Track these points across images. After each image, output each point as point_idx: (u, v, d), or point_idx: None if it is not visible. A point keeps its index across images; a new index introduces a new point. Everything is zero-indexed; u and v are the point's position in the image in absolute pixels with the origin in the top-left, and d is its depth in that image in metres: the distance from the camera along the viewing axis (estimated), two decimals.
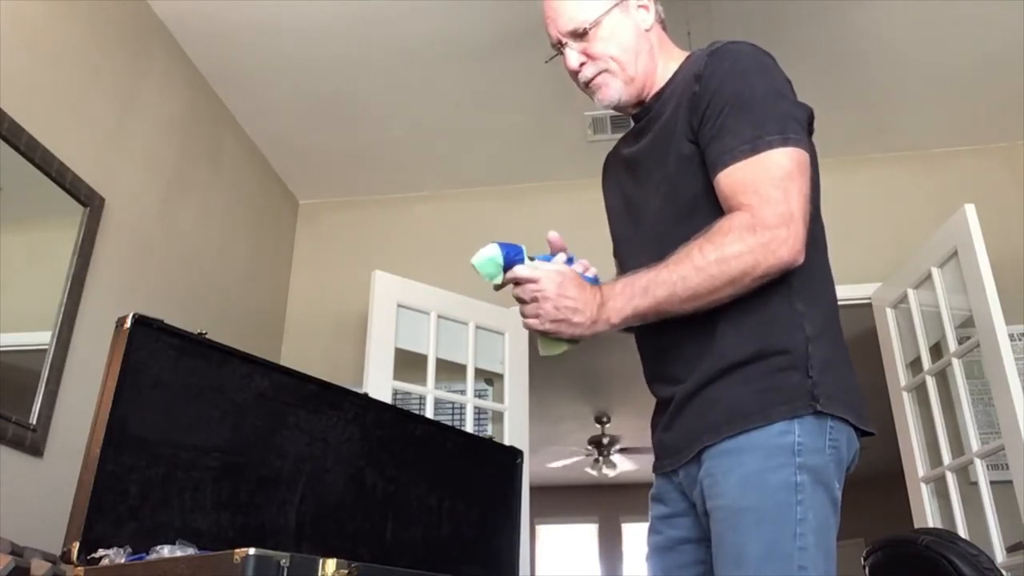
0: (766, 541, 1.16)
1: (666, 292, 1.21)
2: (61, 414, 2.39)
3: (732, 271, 1.18)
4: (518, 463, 2.39)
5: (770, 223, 1.18)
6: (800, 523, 1.15)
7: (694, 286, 1.20)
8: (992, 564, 1.65)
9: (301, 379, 1.86)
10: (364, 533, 1.89)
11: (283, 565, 1.12)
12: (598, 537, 9.52)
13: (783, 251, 1.18)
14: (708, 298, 1.21)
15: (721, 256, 1.18)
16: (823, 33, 3.17)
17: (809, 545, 1.15)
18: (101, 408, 1.47)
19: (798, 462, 1.17)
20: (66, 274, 2.49)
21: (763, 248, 1.18)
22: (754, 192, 1.20)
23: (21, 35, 2.38)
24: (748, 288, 1.20)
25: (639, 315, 1.24)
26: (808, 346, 1.23)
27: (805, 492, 1.16)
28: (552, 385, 6.47)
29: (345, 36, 3.18)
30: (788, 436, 1.19)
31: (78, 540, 1.37)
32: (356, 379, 3.30)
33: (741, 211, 1.20)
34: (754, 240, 1.18)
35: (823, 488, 1.19)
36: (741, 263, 1.18)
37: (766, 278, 1.20)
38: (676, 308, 1.23)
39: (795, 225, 1.19)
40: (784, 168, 1.21)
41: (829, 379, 1.23)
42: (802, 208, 1.20)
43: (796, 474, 1.17)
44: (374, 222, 4.19)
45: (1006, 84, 3.43)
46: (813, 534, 1.15)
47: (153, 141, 3.04)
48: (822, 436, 1.20)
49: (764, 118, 1.24)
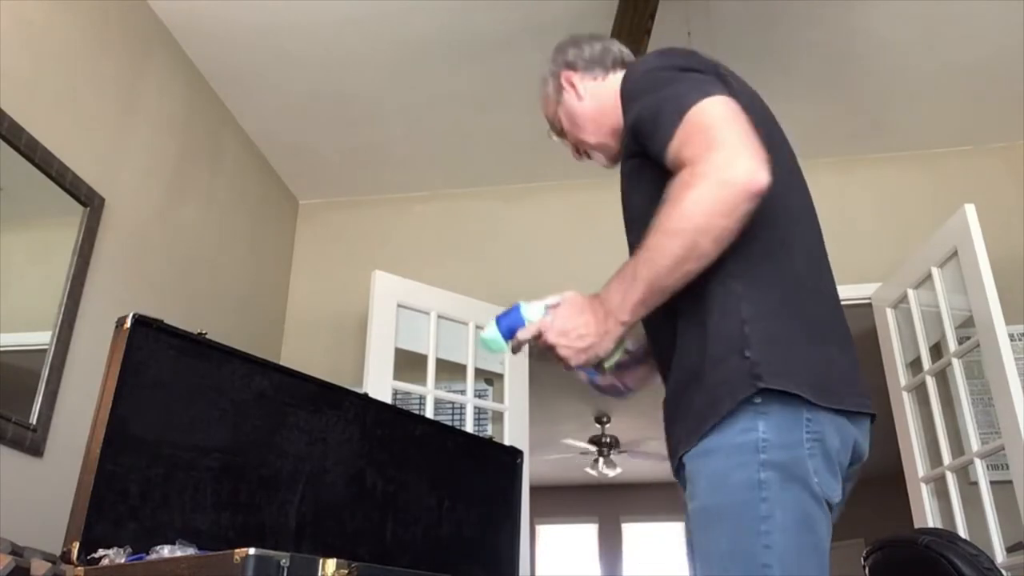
0: (729, 540, 1.15)
1: (651, 271, 1.19)
2: (61, 414, 2.39)
3: (697, 218, 1.14)
4: (518, 463, 2.39)
5: (711, 158, 1.14)
6: (765, 520, 1.12)
7: (671, 250, 1.16)
8: (992, 564, 1.65)
9: (301, 379, 1.86)
10: (364, 533, 1.89)
11: (283, 565, 1.12)
12: (598, 537, 9.52)
13: (732, 174, 1.12)
14: (694, 261, 1.16)
15: (681, 210, 1.15)
16: (823, 33, 3.17)
17: (775, 543, 1.12)
18: (101, 408, 1.47)
19: (762, 459, 1.14)
20: (66, 274, 2.49)
21: (713, 182, 1.13)
22: (690, 145, 1.18)
23: (21, 35, 2.38)
24: (726, 230, 1.14)
25: (640, 303, 1.22)
26: (744, 327, 1.19)
27: (771, 490, 1.13)
28: (552, 385, 6.46)
29: (345, 36, 3.18)
30: (751, 433, 1.15)
31: (78, 540, 1.37)
32: (356, 379, 3.30)
33: (686, 166, 1.17)
34: (701, 180, 1.14)
35: (797, 483, 1.14)
36: (701, 206, 1.13)
37: (736, 210, 1.13)
38: (669, 282, 1.19)
39: (736, 149, 1.14)
40: (711, 113, 1.19)
41: (776, 356, 1.18)
42: (742, 136, 1.15)
43: (759, 471, 1.14)
44: (374, 222, 4.19)
45: (1006, 84, 3.43)
46: (782, 532, 1.12)
47: (153, 141, 3.04)
48: (797, 429, 1.15)
49: (677, 93, 1.24)
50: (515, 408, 3.58)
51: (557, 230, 4.01)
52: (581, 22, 3.10)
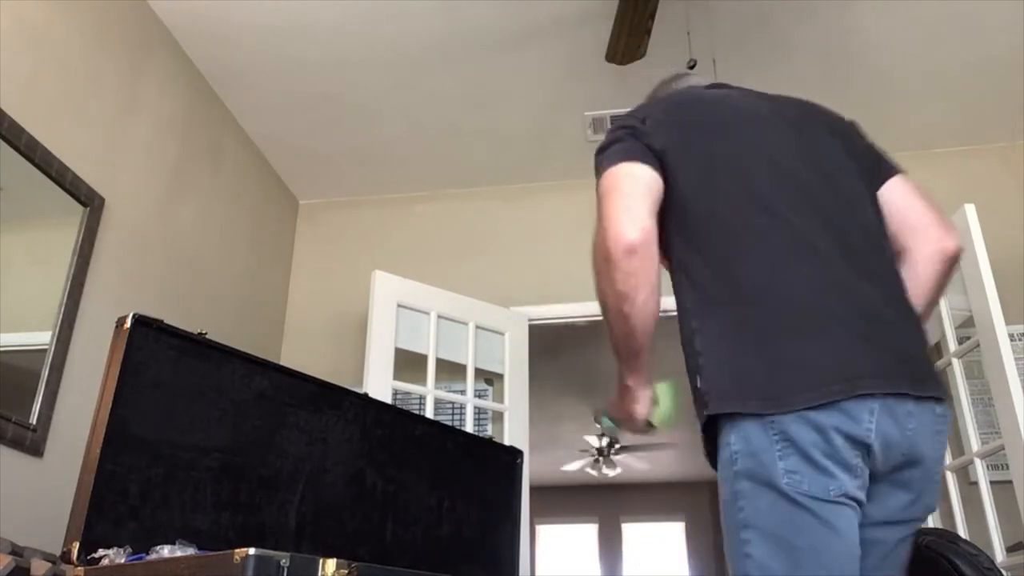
0: (729, 554, 1.22)
1: (611, 341, 1.38)
2: (61, 414, 2.39)
3: (601, 293, 1.33)
4: (518, 463, 2.39)
5: (595, 238, 1.33)
6: (744, 529, 1.18)
7: (609, 322, 1.36)
8: (992, 564, 1.65)
9: (301, 379, 1.86)
10: (364, 533, 1.89)
11: (283, 565, 1.12)
12: (598, 537, 9.52)
13: (605, 246, 1.29)
14: (625, 324, 1.33)
15: (596, 290, 1.36)
16: (822, 33, 3.17)
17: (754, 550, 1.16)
18: (101, 408, 1.47)
19: (735, 470, 1.20)
20: (66, 274, 2.49)
21: (598, 260, 1.31)
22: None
23: (21, 35, 2.38)
24: (626, 297, 1.29)
25: (622, 366, 1.43)
26: (698, 359, 1.28)
27: (746, 498, 1.18)
28: (552, 385, 6.47)
29: (345, 36, 3.18)
30: (727, 449, 1.21)
31: (78, 540, 1.37)
32: (356, 379, 3.30)
33: None
34: (594, 259, 1.33)
35: (768, 488, 1.16)
36: (598, 283, 1.33)
37: (622, 280, 1.28)
38: (625, 345, 1.37)
39: (605, 223, 1.30)
40: (600, 193, 1.35)
41: (721, 380, 1.24)
42: (610, 208, 1.30)
43: (735, 482, 1.20)
44: (374, 222, 4.19)
45: (1006, 84, 3.43)
46: (759, 538, 1.16)
47: (153, 141, 3.04)
48: (763, 435, 1.17)
49: (597, 172, 1.40)
50: (515, 408, 3.58)
51: (557, 230, 4.01)
52: (581, 22, 3.10)
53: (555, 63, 3.33)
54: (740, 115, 1.42)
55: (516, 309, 3.77)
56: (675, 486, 9.35)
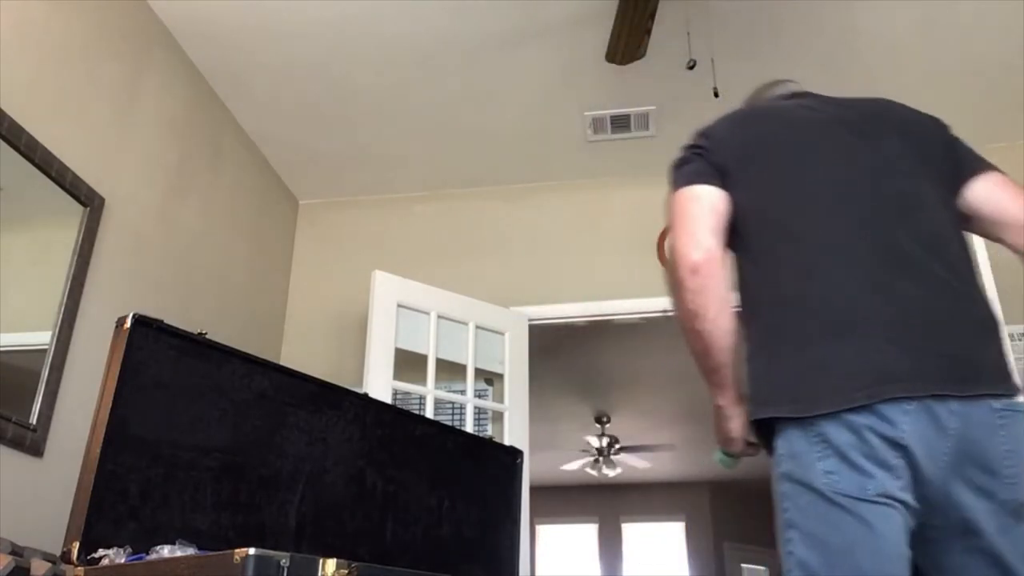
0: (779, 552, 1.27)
1: (696, 363, 1.42)
2: (61, 414, 2.39)
3: (677, 314, 1.40)
4: (518, 463, 2.39)
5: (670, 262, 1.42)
6: (787, 529, 1.23)
7: (689, 344, 1.41)
8: None
9: (301, 379, 1.86)
10: (364, 533, 1.89)
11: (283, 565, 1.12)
12: (598, 537, 9.52)
13: (675, 269, 1.38)
14: (700, 342, 1.38)
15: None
16: (823, 33, 3.17)
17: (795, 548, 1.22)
18: (101, 408, 1.47)
19: (779, 473, 1.27)
20: (66, 274, 2.49)
21: (671, 282, 1.41)
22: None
23: (21, 35, 2.38)
24: (696, 315, 1.36)
25: (711, 385, 1.43)
26: (746, 366, 1.35)
27: (788, 499, 1.24)
28: (552, 385, 6.47)
29: (345, 36, 3.18)
30: (775, 453, 1.28)
31: (78, 540, 1.37)
32: (356, 379, 3.30)
33: None
34: (669, 282, 1.44)
35: (806, 488, 1.21)
36: (674, 304, 1.41)
37: (690, 300, 1.36)
38: (707, 363, 1.40)
39: (674, 247, 1.39)
40: (669, 217, 1.45)
41: (761, 385, 1.31)
42: (678, 233, 1.40)
43: (780, 484, 1.26)
44: (374, 222, 4.19)
45: (1006, 84, 3.43)
46: (800, 538, 1.21)
47: (153, 141, 3.04)
48: (804, 438, 1.23)
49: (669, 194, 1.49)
50: (515, 408, 3.58)
51: (557, 230, 4.01)
52: (581, 22, 3.10)
53: (555, 63, 3.33)
54: (795, 127, 1.49)
55: (516, 309, 3.77)
56: (675, 486, 9.35)
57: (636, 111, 3.60)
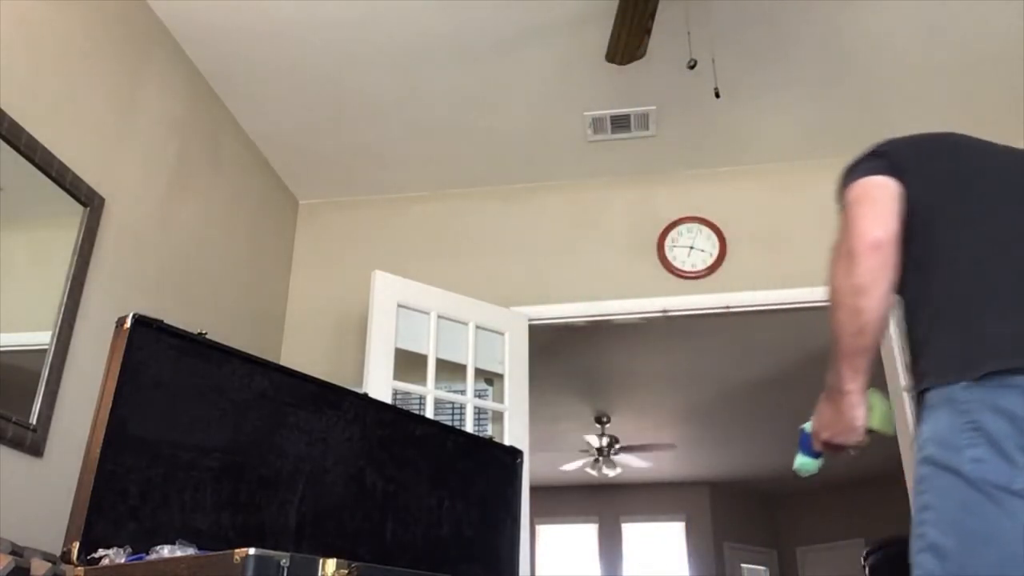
0: (911, 534, 1.28)
1: (837, 345, 1.40)
2: (61, 414, 2.39)
3: (835, 289, 1.39)
4: (518, 463, 2.39)
5: (837, 241, 1.42)
6: (922, 511, 1.25)
7: (837, 321, 1.39)
8: None
9: (301, 379, 1.86)
10: (364, 533, 1.89)
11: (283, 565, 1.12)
12: (598, 537, 9.52)
13: (850, 244, 1.38)
14: (857, 320, 1.36)
15: (828, 289, 1.43)
16: (822, 33, 3.17)
17: (930, 532, 1.22)
18: (101, 408, 1.47)
19: (922, 456, 1.28)
20: (66, 274, 2.49)
21: (838, 258, 1.40)
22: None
23: (21, 35, 2.38)
24: (862, 290, 1.35)
25: (849, 369, 1.40)
26: (919, 331, 1.38)
27: (926, 482, 1.25)
28: (552, 385, 6.47)
29: (345, 36, 3.18)
30: (919, 438, 1.30)
31: (78, 540, 1.37)
32: (356, 379, 3.30)
33: None
34: (832, 259, 1.42)
35: (950, 473, 1.21)
36: (834, 279, 1.40)
37: (860, 272, 1.35)
38: (856, 343, 1.38)
39: (851, 225, 1.40)
40: (845, 203, 1.46)
41: (933, 358, 1.33)
42: (857, 211, 1.42)
43: (920, 467, 1.28)
44: (374, 222, 4.19)
45: (1006, 84, 3.43)
46: (936, 520, 1.22)
47: (153, 141, 3.04)
48: (955, 425, 1.23)
49: (842, 191, 1.52)
50: (515, 408, 3.58)
51: (557, 230, 4.01)
52: (581, 22, 3.10)
53: (555, 63, 3.33)
54: (970, 141, 1.59)
55: (516, 309, 3.77)
56: (675, 486, 9.35)
57: (636, 111, 3.60)
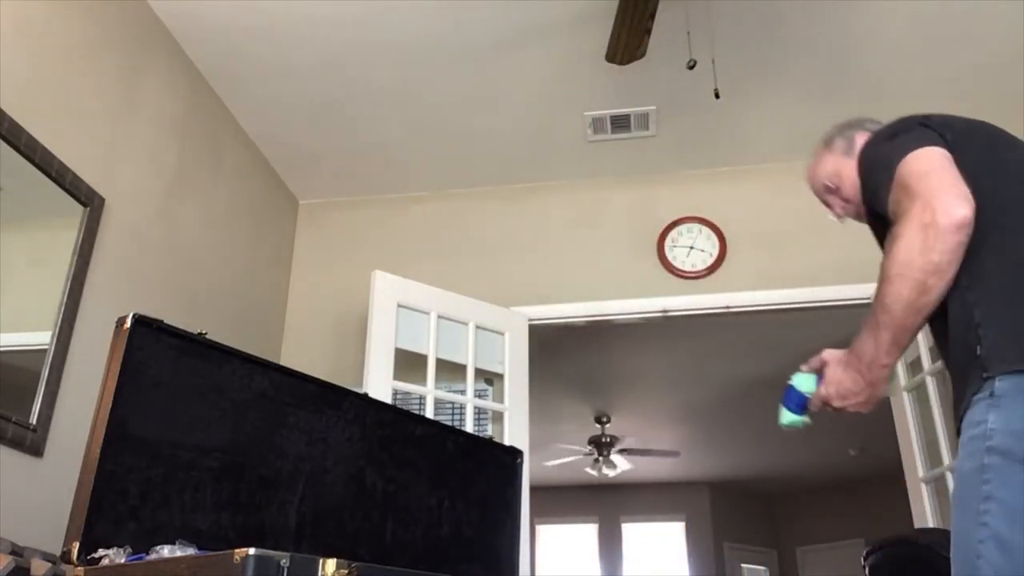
0: (958, 526, 1.26)
1: (889, 316, 1.33)
2: (61, 414, 2.39)
3: (913, 260, 1.29)
4: (518, 463, 2.39)
5: (912, 210, 1.31)
6: (985, 500, 1.21)
7: (900, 294, 1.31)
8: None
9: (301, 379, 1.86)
10: (364, 533, 1.89)
11: (283, 565, 1.12)
12: (598, 537, 9.52)
13: (932, 218, 1.27)
14: (923, 296, 1.30)
15: (897, 258, 1.31)
16: (822, 33, 3.17)
17: (992, 521, 1.19)
18: (101, 408, 1.47)
19: (987, 446, 1.23)
20: (66, 274, 2.49)
21: (916, 227, 1.29)
22: (898, 202, 1.36)
23: (21, 35, 2.38)
24: (942, 265, 1.28)
25: (892, 343, 1.36)
26: (978, 331, 1.30)
27: (993, 471, 1.21)
28: (552, 385, 6.47)
29: (345, 36, 3.18)
30: (981, 426, 1.25)
31: (78, 540, 1.37)
32: (356, 379, 3.30)
33: (898, 221, 1.35)
34: (908, 230, 1.30)
35: (1017, 463, 1.20)
36: (913, 250, 1.29)
37: (944, 248, 1.27)
38: (909, 319, 1.33)
39: (930, 196, 1.29)
40: (911, 171, 1.36)
41: (1003, 344, 1.27)
42: (934, 182, 1.31)
43: (985, 457, 1.23)
44: (374, 222, 4.19)
45: (1006, 85, 3.43)
46: (1001, 511, 1.19)
47: (153, 141, 3.04)
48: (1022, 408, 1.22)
49: (890, 155, 1.42)
50: (515, 408, 3.58)
51: (557, 230, 4.01)
52: (581, 22, 3.10)
53: (555, 63, 3.33)
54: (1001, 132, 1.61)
55: (516, 309, 3.77)
56: (675, 486, 9.35)
57: (636, 111, 3.60)
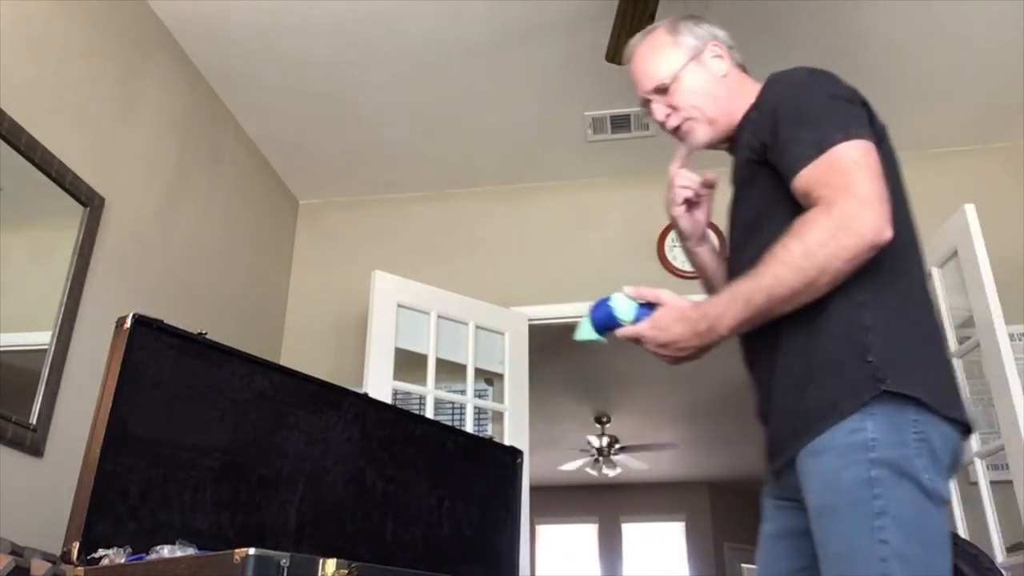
0: (845, 539, 1.20)
1: (764, 296, 1.26)
2: (61, 414, 2.39)
3: (819, 259, 1.22)
4: (518, 463, 2.39)
5: (843, 205, 1.22)
6: (879, 517, 1.17)
7: (789, 283, 1.24)
8: (992, 564, 1.65)
9: (301, 379, 1.86)
10: (364, 533, 1.89)
11: (283, 565, 1.12)
12: (598, 537, 9.52)
13: (861, 227, 1.21)
14: (808, 292, 1.25)
15: (805, 248, 1.23)
16: (823, 33, 3.17)
17: (893, 538, 1.16)
18: (101, 408, 1.47)
19: (871, 457, 1.19)
20: (66, 274, 2.49)
21: (841, 230, 1.21)
22: (825, 185, 1.26)
23: (21, 35, 2.38)
24: (843, 273, 1.23)
25: (746, 322, 1.30)
26: (868, 335, 1.26)
27: (883, 486, 1.18)
28: (552, 385, 6.47)
29: (345, 36, 3.18)
30: (860, 434, 1.21)
31: (78, 540, 1.37)
32: (356, 379, 3.30)
33: (818, 203, 1.26)
34: (831, 223, 1.22)
35: (908, 480, 1.19)
36: (825, 250, 1.22)
37: (857, 259, 1.22)
38: (781, 309, 1.27)
39: (868, 202, 1.22)
40: (851, 158, 1.27)
41: (897, 361, 1.24)
42: (875, 189, 1.24)
43: (870, 469, 1.19)
44: (374, 222, 4.19)
45: (1006, 84, 3.43)
46: (896, 527, 1.17)
47: (153, 141, 3.04)
48: (904, 429, 1.21)
49: (822, 121, 1.32)
50: (515, 408, 3.58)
51: (557, 230, 4.01)
52: (581, 22, 3.10)
53: (555, 63, 3.33)
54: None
55: (516, 309, 3.77)
56: (675, 486, 9.34)
57: (636, 111, 3.60)
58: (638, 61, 1.63)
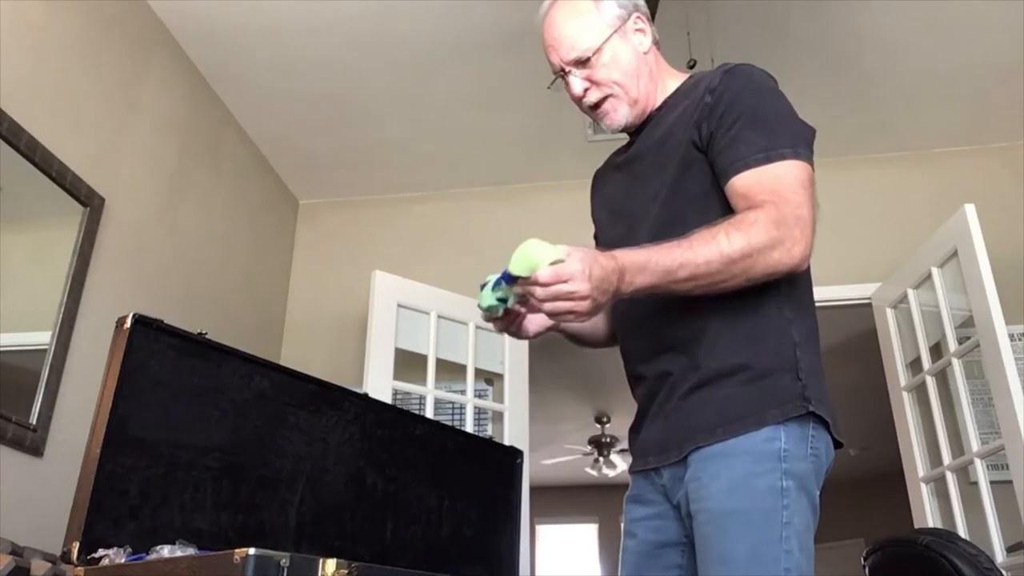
0: (753, 544, 1.19)
1: (687, 274, 1.19)
2: (61, 414, 2.39)
3: (751, 262, 1.20)
4: (518, 463, 2.39)
5: (789, 222, 1.21)
6: (786, 527, 1.19)
7: (714, 272, 1.20)
8: (992, 564, 1.65)
9: (301, 379, 1.85)
10: (364, 533, 1.89)
11: (283, 565, 1.12)
12: (598, 537, 9.52)
13: (796, 251, 1.21)
14: (718, 285, 1.21)
15: (747, 247, 1.19)
16: (823, 33, 3.17)
17: (794, 548, 1.19)
18: (101, 408, 1.47)
19: (784, 468, 1.22)
20: (66, 274, 2.49)
21: (781, 244, 1.20)
22: (772, 192, 1.24)
23: (21, 35, 2.38)
24: (753, 282, 1.23)
25: (649, 287, 1.21)
26: (796, 351, 1.29)
27: (790, 497, 1.21)
28: (552, 385, 6.47)
29: (345, 36, 3.18)
30: (775, 443, 1.23)
31: (78, 540, 1.37)
32: (356, 379, 3.30)
33: (763, 207, 1.22)
34: (777, 235, 1.20)
35: (805, 494, 1.23)
36: (762, 257, 1.20)
37: (773, 275, 1.23)
38: (688, 288, 1.21)
39: (807, 230, 1.23)
40: (798, 177, 1.26)
41: (815, 383, 1.29)
42: (812, 217, 1.25)
43: (782, 479, 1.21)
44: (374, 222, 4.19)
45: (1006, 84, 3.43)
46: (797, 537, 1.20)
47: (153, 141, 3.04)
48: (804, 443, 1.25)
49: (777, 132, 1.30)
50: (515, 408, 3.58)
51: (557, 230, 4.00)
52: None
53: None
54: None
55: None
56: None
57: None
58: (554, 24, 1.46)
